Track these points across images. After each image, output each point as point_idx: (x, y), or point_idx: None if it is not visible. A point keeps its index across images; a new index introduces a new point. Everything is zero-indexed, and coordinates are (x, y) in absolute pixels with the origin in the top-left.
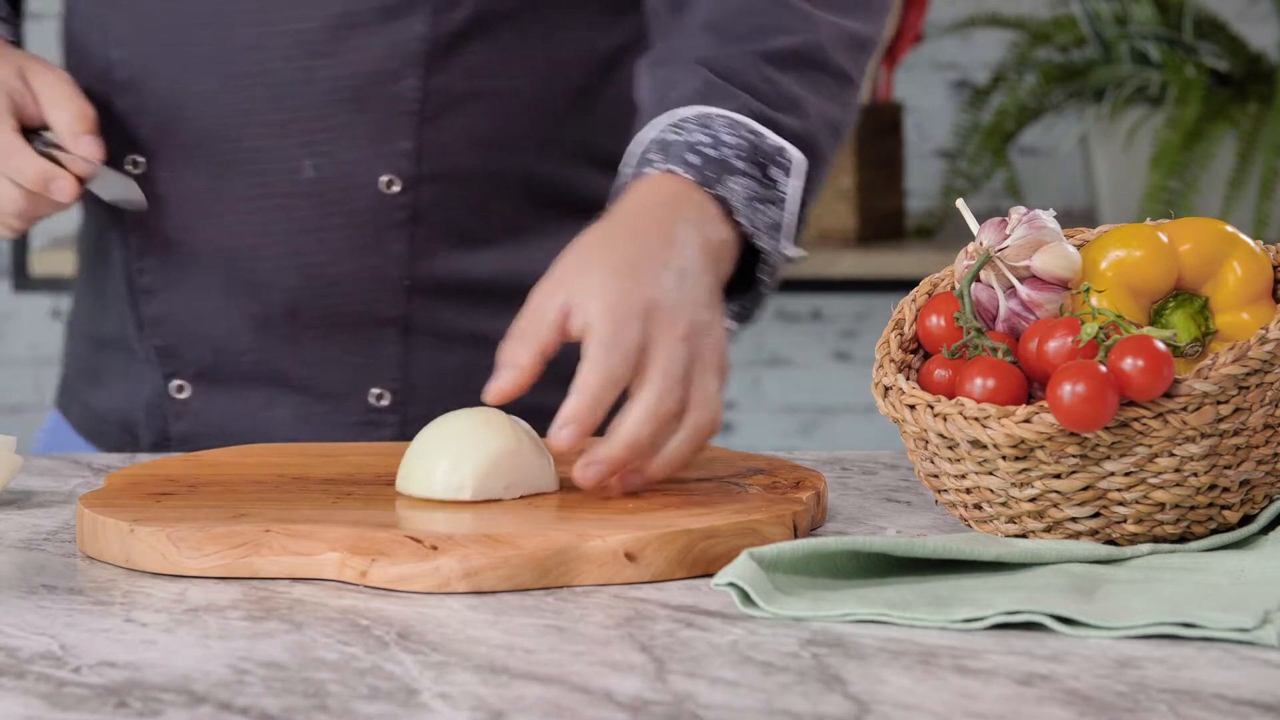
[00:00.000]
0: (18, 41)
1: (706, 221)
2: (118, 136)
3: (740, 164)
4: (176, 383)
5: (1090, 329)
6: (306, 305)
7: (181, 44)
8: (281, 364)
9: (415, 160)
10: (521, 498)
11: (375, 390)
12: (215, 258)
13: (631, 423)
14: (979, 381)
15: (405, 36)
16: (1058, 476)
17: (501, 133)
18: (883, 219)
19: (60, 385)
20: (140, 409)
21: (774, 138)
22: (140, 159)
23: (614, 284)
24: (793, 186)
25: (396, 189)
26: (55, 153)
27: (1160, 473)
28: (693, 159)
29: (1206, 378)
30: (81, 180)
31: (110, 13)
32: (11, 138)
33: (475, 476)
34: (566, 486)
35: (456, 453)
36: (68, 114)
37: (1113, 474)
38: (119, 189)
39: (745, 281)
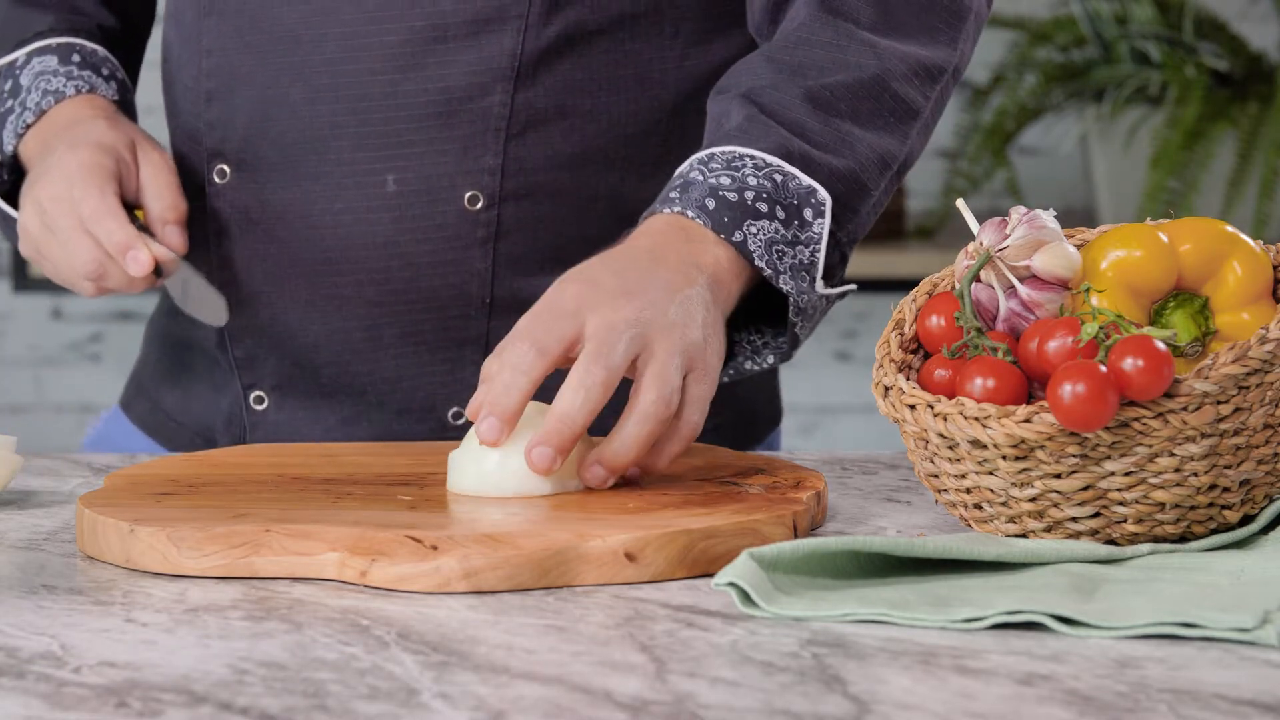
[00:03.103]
0: (126, 102)
1: (708, 255)
2: (205, 146)
3: (764, 206)
4: (256, 393)
5: (1090, 329)
6: (387, 321)
7: (270, 55)
8: (360, 380)
9: (500, 177)
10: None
11: (454, 409)
12: (297, 270)
13: (632, 427)
14: (979, 381)
15: (494, 52)
16: (1058, 476)
17: (589, 151)
18: (883, 219)
19: (129, 381)
20: (220, 416)
21: (804, 179)
22: (226, 169)
23: (617, 303)
24: (822, 226)
25: (480, 205)
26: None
27: (1160, 473)
28: (710, 203)
29: (1207, 378)
30: (159, 273)
31: (206, 21)
32: (114, 202)
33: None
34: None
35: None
36: (162, 203)
37: (1113, 474)
38: (202, 303)
39: (781, 319)
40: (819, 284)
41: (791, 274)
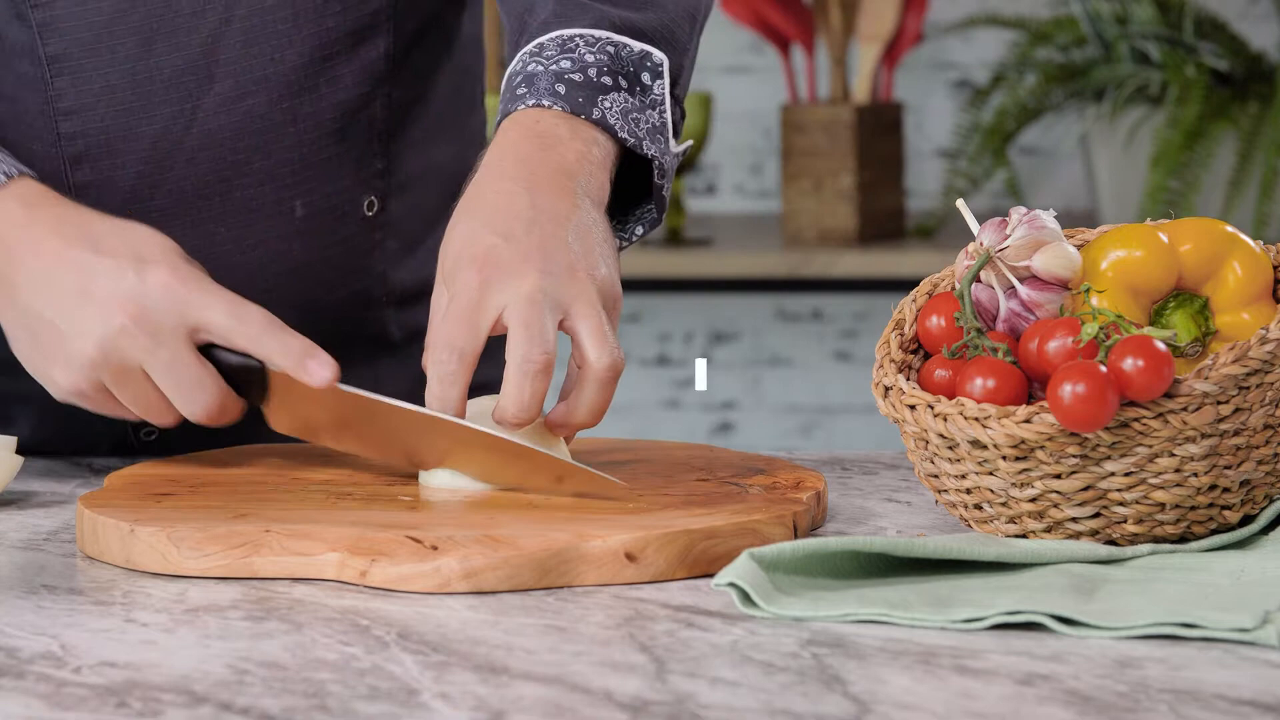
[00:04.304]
0: None
1: (572, 153)
2: None
3: (609, 80)
4: (147, 429)
5: (1090, 329)
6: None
7: (155, 108)
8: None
9: (386, 178)
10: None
11: None
12: None
13: (590, 394)
14: (979, 381)
15: (373, 57)
16: (1058, 477)
17: (456, 128)
18: (883, 219)
19: None
20: (100, 445)
21: (637, 45)
22: None
23: (521, 271)
24: (662, 87)
25: (375, 210)
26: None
27: (1160, 473)
28: (560, 89)
29: (1207, 378)
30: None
31: (59, 81)
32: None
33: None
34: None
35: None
36: (291, 339)
37: (1113, 474)
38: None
39: (642, 187)
40: (672, 143)
41: (650, 138)
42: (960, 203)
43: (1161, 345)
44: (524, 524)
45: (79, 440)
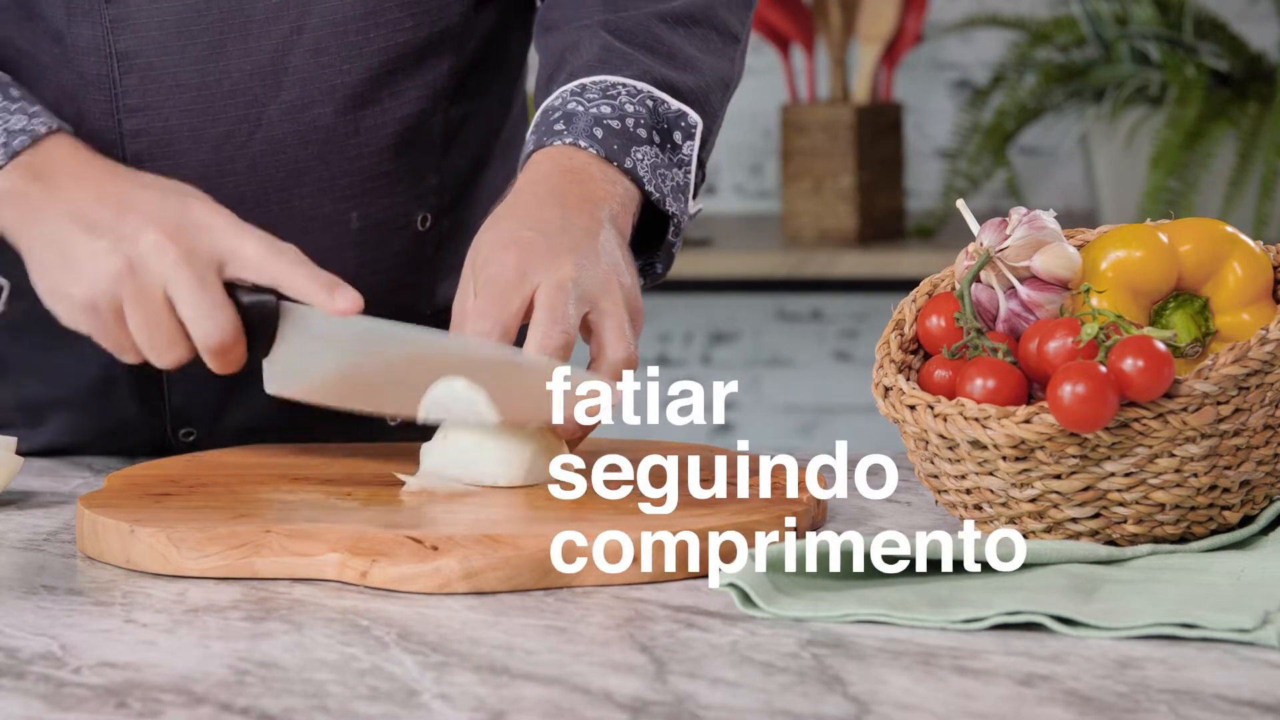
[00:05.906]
0: None
1: (601, 192)
2: None
3: (643, 132)
4: (185, 430)
5: (1090, 329)
6: None
7: (222, 112)
8: (299, 406)
9: (439, 193)
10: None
11: (391, 418)
12: None
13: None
14: (979, 382)
15: (436, 74)
16: (1058, 477)
17: (504, 145)
18: (883, 219)
19: None
20: (141, 448)
21: (674, 104)
22: None
23: (557, 262)
24: (692, 148)
25: (428, 225)
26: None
27: (1160, 473)
28: (598, 133)
29: (1207, 378)
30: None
31: (127, 79)
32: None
33: (524, 463)
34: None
35: (503, 440)
36: (320, 271)
37: (1113, 474)
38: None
39: (654, 238)
40: (690, 204)
41: (673, 195)
42: (960, 203)
43: (1161, 345)
44: (524, 524)
45: (119, 442)
